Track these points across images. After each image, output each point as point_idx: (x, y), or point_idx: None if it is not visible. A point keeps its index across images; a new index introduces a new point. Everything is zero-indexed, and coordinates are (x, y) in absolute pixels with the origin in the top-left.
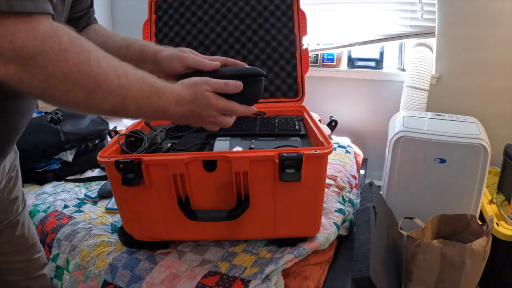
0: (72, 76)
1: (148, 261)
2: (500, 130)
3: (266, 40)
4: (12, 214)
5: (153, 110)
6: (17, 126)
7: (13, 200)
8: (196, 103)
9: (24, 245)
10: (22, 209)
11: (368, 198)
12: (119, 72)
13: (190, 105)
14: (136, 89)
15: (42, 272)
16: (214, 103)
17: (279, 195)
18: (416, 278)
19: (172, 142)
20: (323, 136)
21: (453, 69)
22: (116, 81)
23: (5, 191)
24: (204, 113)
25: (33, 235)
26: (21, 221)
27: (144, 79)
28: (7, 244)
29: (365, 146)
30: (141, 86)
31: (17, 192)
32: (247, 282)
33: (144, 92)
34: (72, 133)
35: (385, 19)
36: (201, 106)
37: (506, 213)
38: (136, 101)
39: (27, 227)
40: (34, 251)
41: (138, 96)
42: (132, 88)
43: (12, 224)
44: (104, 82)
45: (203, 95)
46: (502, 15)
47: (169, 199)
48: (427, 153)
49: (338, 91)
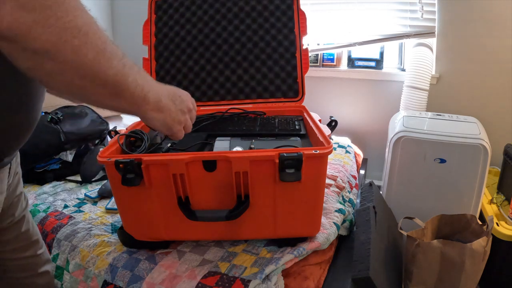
0: (85, 32)
1: (148, 261)
2: (500, 130)
3: (266, 40)
4: (18, 210)
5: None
6: (36, 114)
7: (19, 196)
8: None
9: (29, 240)
10: (26, 205)
11: (368, 198)
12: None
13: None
14: (129, 62)
15: (46, 268)
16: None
17: (279, 195)
18: (416, 278)
19: (172, 142)
20: (323, 136)
21: (453, 69)
22: (117, 49)
23: (11, 187)
24: (179, 107)
25: (36, 230)
26: (27, 217)
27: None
28: (14, 241)
29: (365, 146)
30: (132, 63)
31: (20, 188)
32: (247, 282)
33: (137, 68)
34: (72, 133)
35: (385, 19)
36: (179, 100)
37: (506, 213)
38: (133, 69)
39: (31, 223)
40: (38, 247)
41: (132, 66)
42: (127, 59)
43: (19, 219)
44: (109, 45)
45: (178, 89)
46: (502, 15)
47: (169, 199)
48: (427, 153)
49: (338, 91)
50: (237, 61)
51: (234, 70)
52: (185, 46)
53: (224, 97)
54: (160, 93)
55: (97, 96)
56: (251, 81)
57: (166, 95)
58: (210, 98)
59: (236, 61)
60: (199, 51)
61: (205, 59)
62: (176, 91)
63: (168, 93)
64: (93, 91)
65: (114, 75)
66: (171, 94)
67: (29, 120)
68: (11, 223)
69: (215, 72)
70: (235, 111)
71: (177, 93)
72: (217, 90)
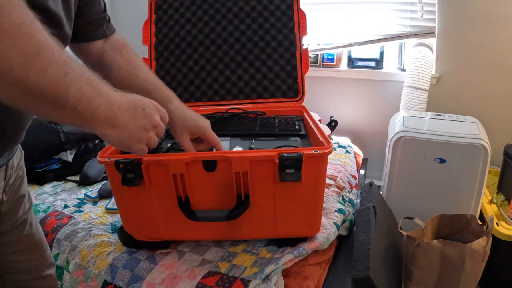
0: (12, 33)
1: (148, 261)
2: (500, 130)
3: (266, 40)
4: (19, 214)
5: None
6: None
7: (20, 199)
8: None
9: (31, 244)
10: (29, 208)
11: (368, 198)
12: (63, 54)
13: (126, 114)
14: (78, 70)
15: (49, 272)
16: (152, 113)
17: (279, 195)
18: (416, 278)
19: (172, 142)
20: (323, 136)
21: (453, 69)
22: (58, 55)
23: (12, 191)
24: (140, 123)
25: (40, 233)
26: (29, 220)
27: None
28: (15, 244)
29: (365, 146)
30: (83, 72)
31: (23, 191)
32: (247, 282)
33: (88, 77)
34: (72, 133)
35: (385, 19)
36: (141, 115)
37: (506, 213)
38: (79, 79)
39: (34, 225)
40: (42, 250)
41: (80, 75)
42: (74, 67)
43: (20, 223)
44: (46, 50)
45: (144, 102)
46: (502, 15)
47: (169, 199)
48: (427, 153)
49: (338, 91)
50: (237, 61)
51: (234, 70)
52: (185, 46)
53: (224, 97)
54: (116, 106)
55: (38, 109)
56: (251, 81)
57: (125, 109)
58: (210, 98)
59: (236, 61)
60: (199, 51)
61: (205, 59)
62: (140, 103)
63: (129, 106)
64: (29, 102)
65: (50, 83)
66: (132, 107)
67: (16, 120)
68: (12, 226)
69: (215, 72)
70: (235, 111)
71: (140, 106)
72: (217, 90)
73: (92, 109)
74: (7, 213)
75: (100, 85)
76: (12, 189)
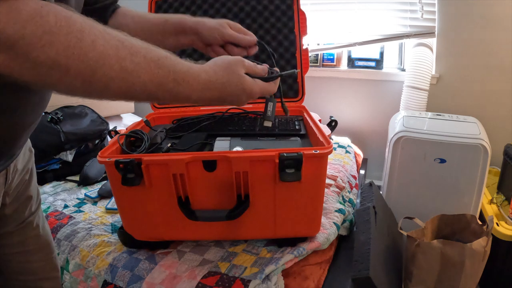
0: (61, 62)
1: (148, 261)
2: (500, 130)
3: (266, 40)
4: (25, 215)
5: (171, 96)
6: (27, 120)
7: (26, 201)
8: (230, 88)
9: (37, 245)
10: (36, 209)
11: (368, 198)
12: (123, 54)
13: (221, 92)
14: (146, 74)
15: (54, 274)
16: (249, 88)
17: (279, 195)
18: (416, 278)
19: (172, 142)
20: (323, 136)
21: (453, 69)
22: (117, 65)
23: (16, 193)
24: (236, 99)
25: (47, 235)
26: (35, 222)
27: (159, 61)
28: (19, 245)
29: (365, 146)
30: (153, 71)
31: (31, 192)
32: (247, 282)
33: (157, 78)
34: (72, 133)
35: (385, 19)
36: (235, 91)
37: (506, 213)
38: (146, 88)
39: (41, 227)
40: (48, 252)
41: (149, 82)
42: (140, 73)
43: (24, 225)
44: (101, 66)
45: (239, 78)
46: (502, 15)
47: (169, 199)
48: (427, 153)
49: (338, 91)
50: None
51: None
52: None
53: None
54: (193, 97)
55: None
56: None
57: (207, 97)
58: None
59: None
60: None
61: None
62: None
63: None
64: (106, 99)
65: (116, 94)
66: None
67: (17, 124)
68: (17, 227)
69: None
70: (235, 111)
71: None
72: None
73: (167, 100)
74: (12, 215)
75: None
76: (16, 191)
